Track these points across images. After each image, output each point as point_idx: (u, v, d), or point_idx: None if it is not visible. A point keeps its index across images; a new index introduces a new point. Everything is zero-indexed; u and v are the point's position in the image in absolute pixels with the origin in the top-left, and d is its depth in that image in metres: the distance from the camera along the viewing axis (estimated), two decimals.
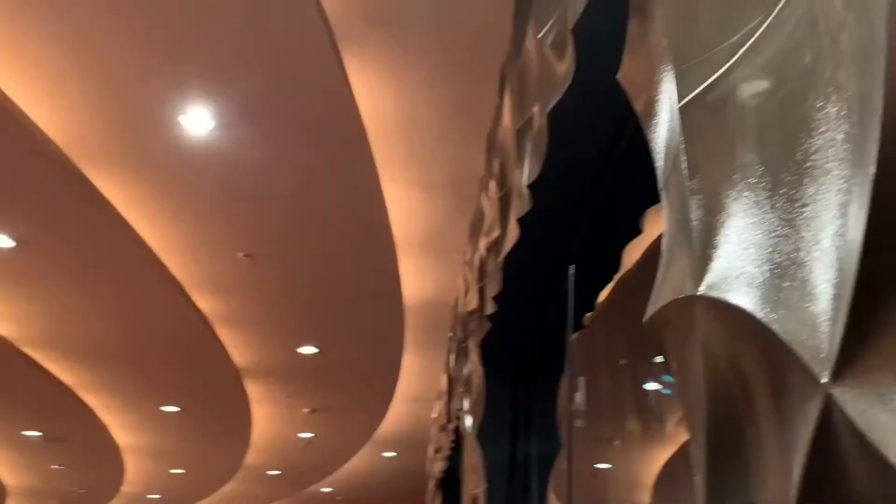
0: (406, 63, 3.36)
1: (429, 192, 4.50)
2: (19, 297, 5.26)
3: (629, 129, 1.31)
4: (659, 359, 2.49)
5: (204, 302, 5.53)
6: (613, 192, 1.52)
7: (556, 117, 1.32)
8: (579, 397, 1.78)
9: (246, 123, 3.69)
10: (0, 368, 6.26)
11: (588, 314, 1.97)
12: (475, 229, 2.67)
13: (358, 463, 10.63)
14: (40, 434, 8.20)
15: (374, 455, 10.37)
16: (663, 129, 0.70)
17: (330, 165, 4.01)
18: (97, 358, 6.34)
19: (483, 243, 2.18)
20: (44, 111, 3.58)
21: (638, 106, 0.79)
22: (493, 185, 2.03)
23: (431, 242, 5.05)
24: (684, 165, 0.62)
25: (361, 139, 3.75)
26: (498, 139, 2.02)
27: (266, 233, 4.67)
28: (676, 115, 0.64)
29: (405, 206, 4.62)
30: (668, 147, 0.68)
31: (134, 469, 9.96)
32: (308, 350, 6.49)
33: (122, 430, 8.33)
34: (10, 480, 10.17)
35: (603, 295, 1.94)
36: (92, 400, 7.28)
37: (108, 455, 9.01)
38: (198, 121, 3.64)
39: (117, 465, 9.55)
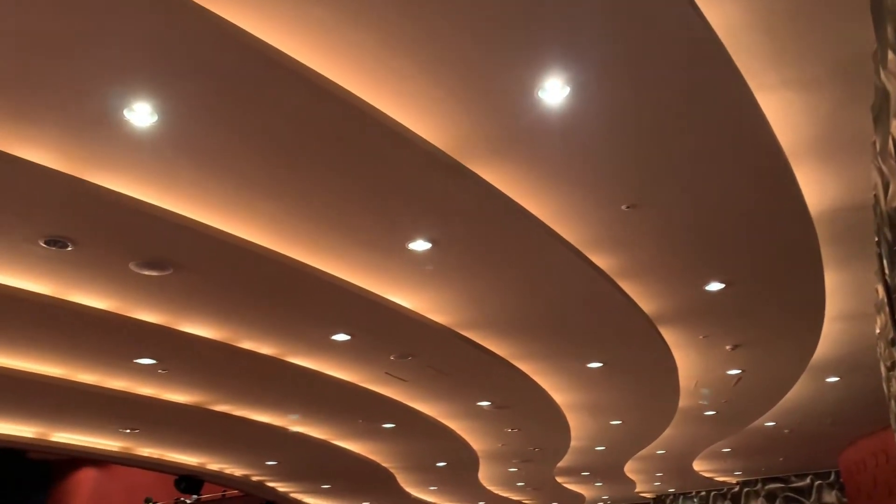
0: None
1: (809, 88, 4.05)
2: (445, 289, 6.01)
3: None
4: None
5: (601, 259, 5.70)
6: None
7: None
8: None
9: (597, 78, 3.71)
10: (447, 351, 7.22)
11: None
12: (880, 112, 2.32)
13: (798, 392, 9.99)
14: (489, 403, 9.25)
15: (815, 382, 9.65)
16: None
17: (691, 92, 3.83)
18: (520, 329, 6.95)
19: (895, 125, 1.88)
20: (425, 125, 4.05)
21: None
22: (891, 56, 1.74)
23: (825, 142, 4.53)
24: None
25: (719, 54, 3.51)
26: (885, 2, 1.73)
27: (641, 179, 4.64)
28: None
29: (785, 110, 4.22)
30: None
31: (576, 425, 10.69)
32: (715, 286, 6.29)
33: (556, 390, 9.00)
34: (477, 446, 11.66)
35: None
36: (525, 367, 7.99)
37: (551, 415, 9.79)
38: (554, 91, 3.78)
39: (562, 423, 10.33)
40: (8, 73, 3.39)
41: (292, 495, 15.12)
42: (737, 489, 19.85)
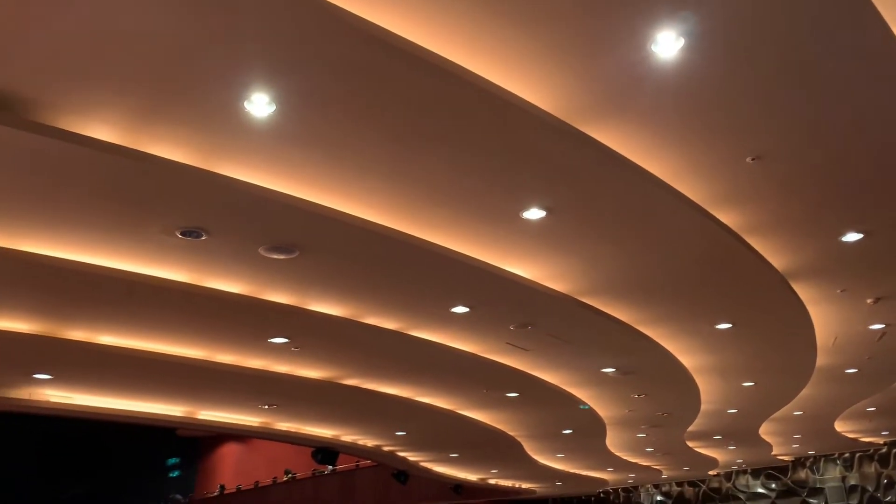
0: None
1: None
2: (562, 257, 5.94)
3: None
4: None
5: (726, 216, 5.47)
6: None
7: None
8: None
9: (713, 27, 3.53)
10: (567, 319, 7.16)
11: None
12: None
13: None
14: (614, 370, 9.13)
15: None
16: None
17: (820, 32, 3.58)
18: (642, 294, 6.79)
19: None
20: (534, 90, 3.99)
21: None
22: None
23: None
24: None
25: None
26: None
27: (766, 129, 4.40)
28: None
29: None
30: None
31: (706, 388, 10.39)
32: (853, 237, 5.91)
33: (684, 354, 8.76)
34: (603, 413, 11.56)
35: None
36: (649, 331, 7.82)
37: (679, 379, 9.56)
38: (668, 44, 3.63)
39: (691, 387, 10.07)
40: (140, 74, 3.60)
41: (422, 464, 15.55)
42: (884, 450, 18.77)
